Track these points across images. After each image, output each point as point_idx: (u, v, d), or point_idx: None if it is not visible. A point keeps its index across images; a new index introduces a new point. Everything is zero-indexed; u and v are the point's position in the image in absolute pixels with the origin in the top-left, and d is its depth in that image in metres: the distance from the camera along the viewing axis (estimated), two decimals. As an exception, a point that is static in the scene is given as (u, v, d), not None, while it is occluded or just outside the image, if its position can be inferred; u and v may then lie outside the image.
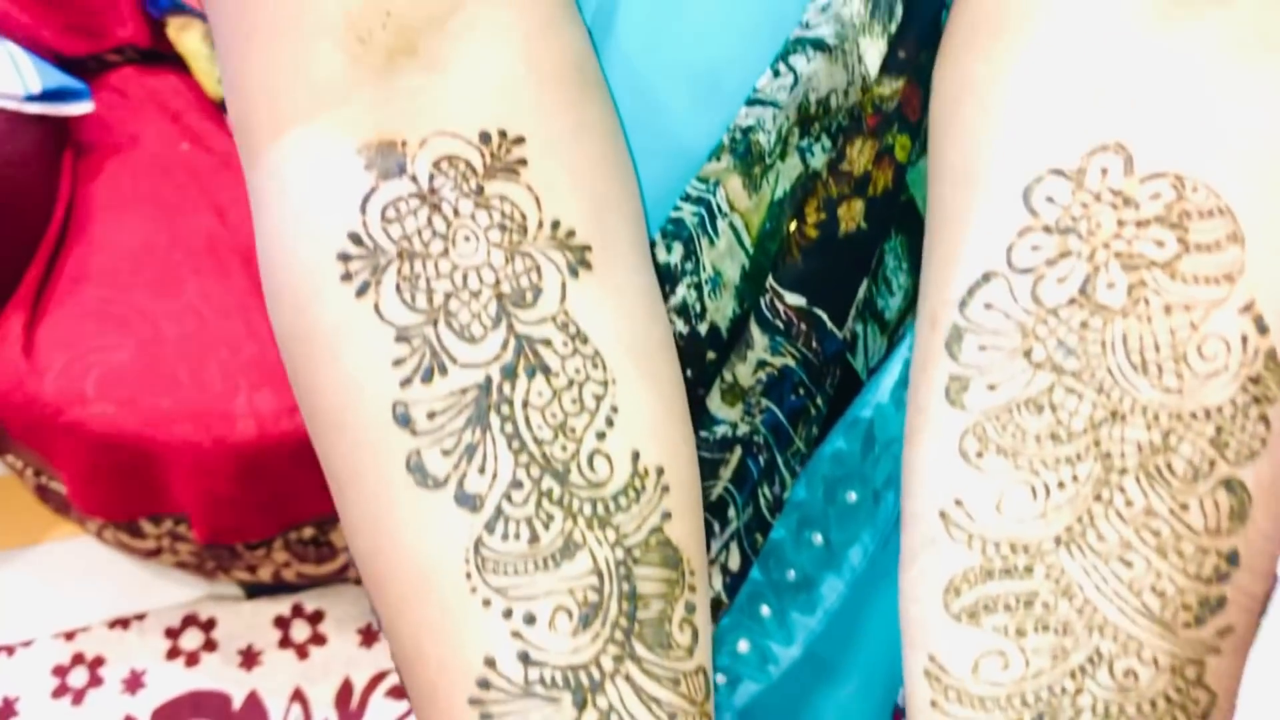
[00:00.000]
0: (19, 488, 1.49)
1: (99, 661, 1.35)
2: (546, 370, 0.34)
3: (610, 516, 0.33)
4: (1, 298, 1.20)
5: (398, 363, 0.33)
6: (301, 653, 1.36)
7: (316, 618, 1.39)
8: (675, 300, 0.42)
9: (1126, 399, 0.32)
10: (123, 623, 1.39)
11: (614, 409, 0.34)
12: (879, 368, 0.46)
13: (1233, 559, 0.31)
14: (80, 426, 1.14)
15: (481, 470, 0.33)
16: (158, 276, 1.22)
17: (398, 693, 1.33)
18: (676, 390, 0.38)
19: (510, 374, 0.33)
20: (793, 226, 0.42)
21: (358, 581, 1.41)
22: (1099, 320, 0.32)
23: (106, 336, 1.18)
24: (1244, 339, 0.31)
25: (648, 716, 0.33)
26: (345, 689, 1.33)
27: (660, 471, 0.35)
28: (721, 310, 0.42)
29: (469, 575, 0.33)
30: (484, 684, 0.32)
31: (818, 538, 0.48)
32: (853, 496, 0.47)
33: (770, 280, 0.42)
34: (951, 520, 0.34)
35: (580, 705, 0.32)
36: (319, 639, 1.37)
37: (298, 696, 1.33)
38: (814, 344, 0.42)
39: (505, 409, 0.33)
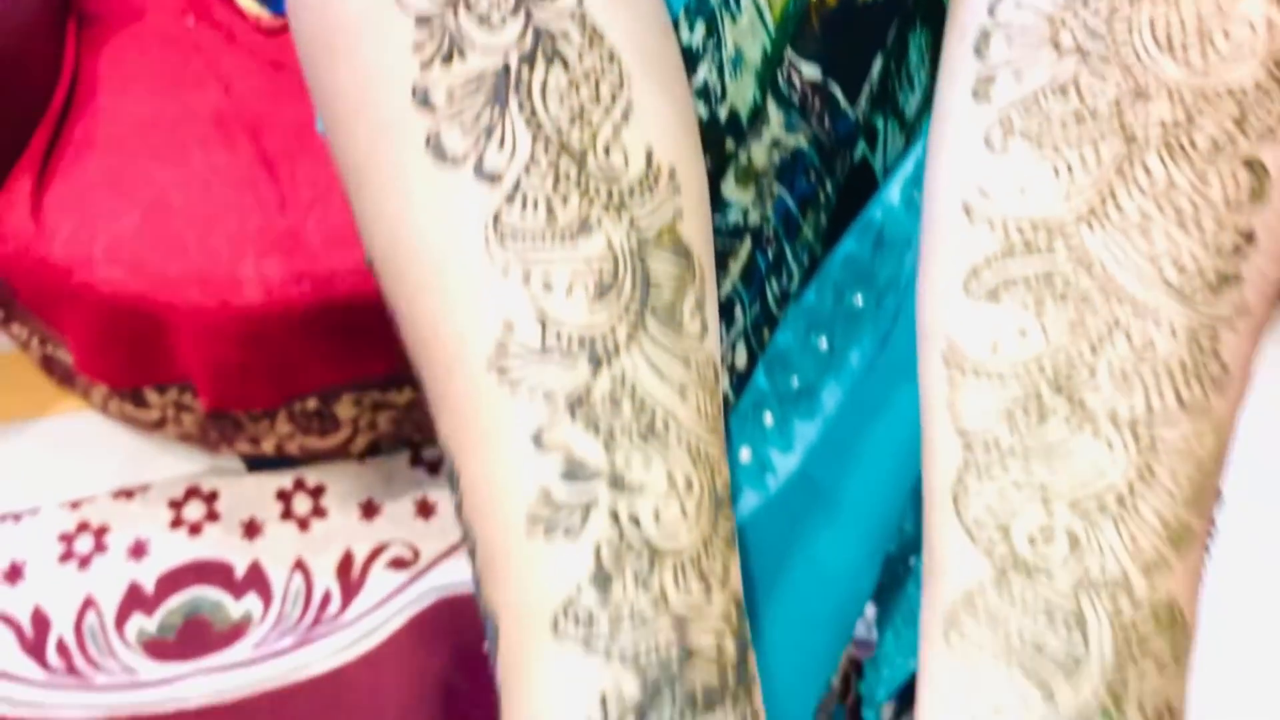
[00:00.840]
0: (24, 363, 1.50)
1: (104, 530, 1.38)
2: (564, 61, 0.35)
3: (625, 204, 0.35)
4: (8, 162, 1.20)
5: (417, 47, 0.34)
6: (303, 525, 1.39)
7: (318, 492, 1.41)
8: (697, 81, 0.43)
9: (1151, 78, 0.33)
10: (127, 493, 1.41)
11: (629, 105, 0.35)
12: (894, 167, 0.47)
13: (1250, 237, 0.33)
14: (88, 289, 1.15)
15: (500, 146, 0.34)
16: (164, 146, 1.22)
17: (397, 564, 1.36)
18: (687, 103, 0.39)
19: (529, 60, 0.34)
20: None
21: (359, 457, 1.43)
22: (1126, 5, 0.33)
23: (114, 202, 1.19)
24: (1269, 23, 0.32)
25: (658, 385, 0.34)
26: (346, 560, 1.36)
27: (673, 172, 0.36)
28: (742, 94, 0.43)
29: (487, 243, 0.34)
30: (502, 348, 0.34)
31: (823, 342, 0.49)
32: (859, 299, 0.48)
33: (788, 51, 0.43)
34: (974, 209, 0.35)
35: (595, 368, 0.33)
36: (320, 512, 1.40)
37: (299, 566, 1.36)
38: (826, 122, 0.44)
39: (523, 92, 0.34)
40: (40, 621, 1.30)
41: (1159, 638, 0.33)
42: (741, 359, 0.50)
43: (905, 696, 0.68)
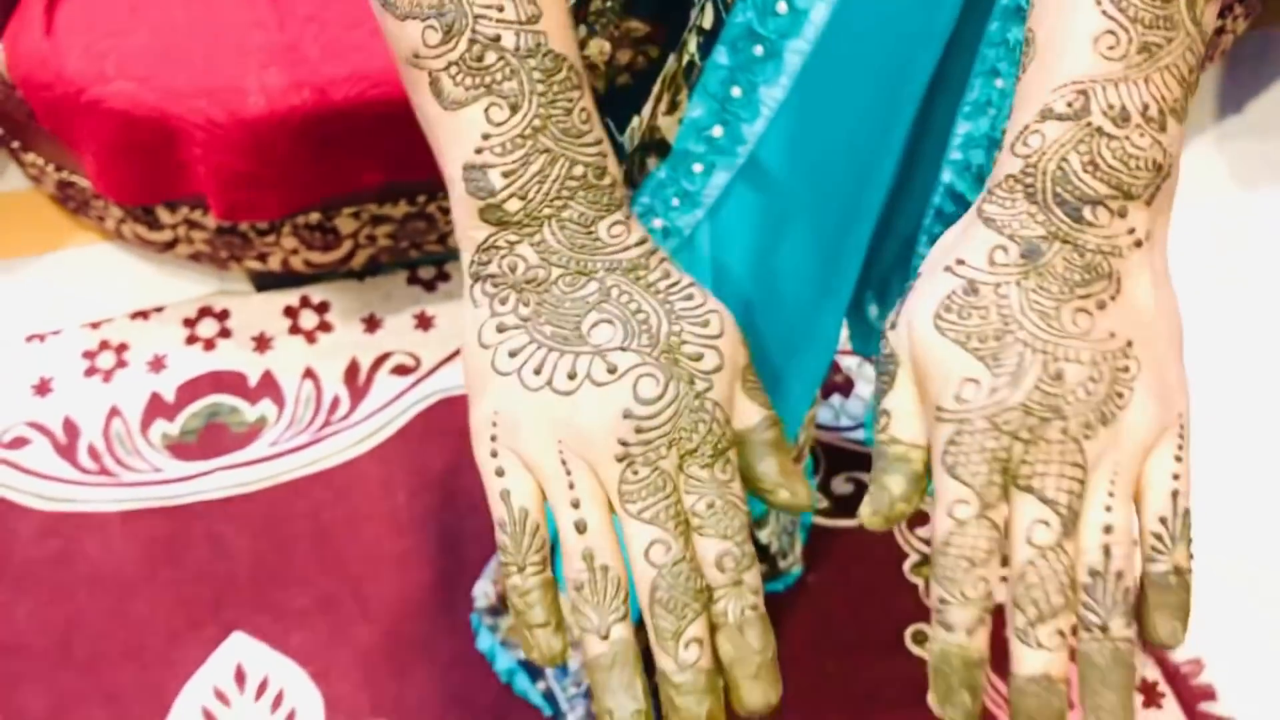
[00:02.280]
0: (40, 199, 1.59)
1: (124, 347, 1.47)
2: None
3: None
4: (20, -15, 1.27)
5: None
6: (310, 338, 1.48)
7: (323, 308, 1.51)
8: None
9: None
10: (143, 314, 1.50)
11: None
12: None
13: None
14: (101, 104, 1.23)
15: None
16: (166, -30, 1.29)
17: (400, 370, 1.46)
18: None
19: None
20: None
21: (360, 275, 1.52)
22: None
23: (123, 21, 1.26)
24: None
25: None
26: (352, 367, 1.46)
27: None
28: None
29: None
30: None
31: (782, 5, 0.56)
32: None
33: None
34: None
35: None
36: (326, 326, 1.49)
37: (309, 374, 1.46)
38: None
39: None
40: (71, 429, 1.40)
41: None
42: (709, 19, 0.57)
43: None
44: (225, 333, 1.49)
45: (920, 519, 1.36)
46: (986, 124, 0.62)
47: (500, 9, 0.40)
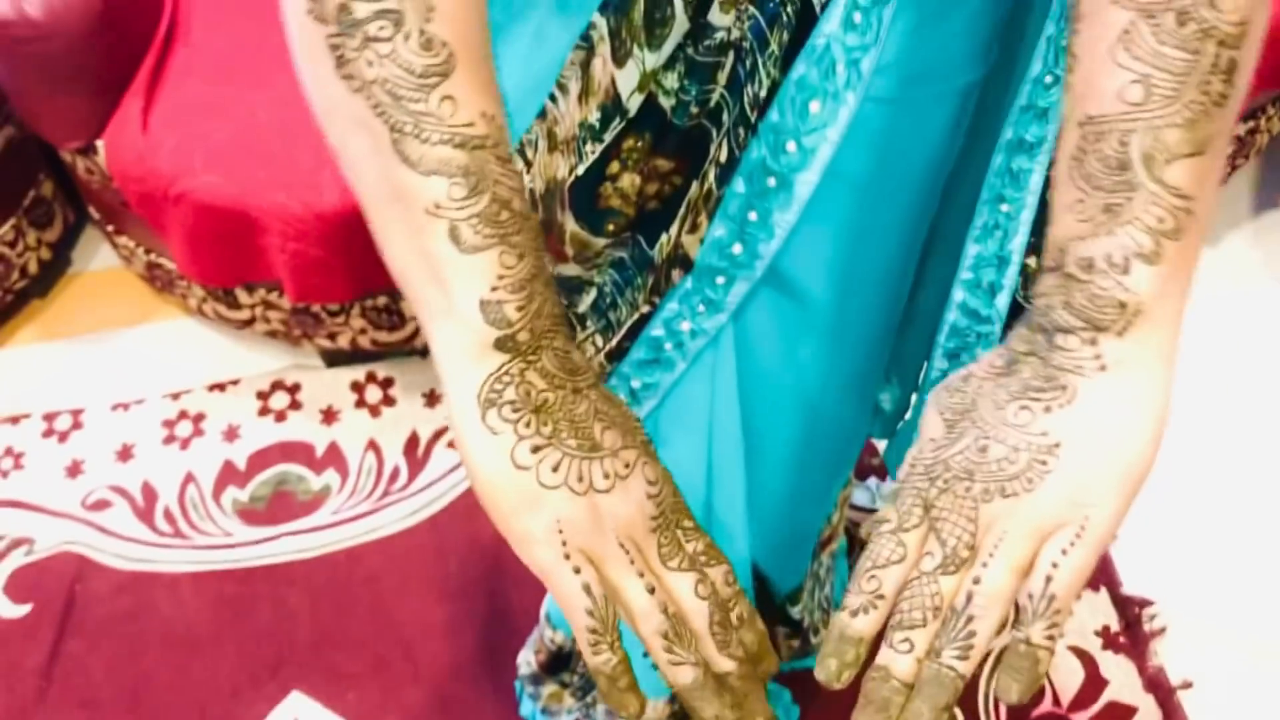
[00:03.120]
0: (129, 278, 1.70)
1: (200, 417, 1.57)
2: None
3: None
4: (122, 87, 1.39)
5: None
6: (374, 412, 1.57)
7: (388, 383, 1.60)
8: None
9: None
10: (220, 386, 1.60)
11: None
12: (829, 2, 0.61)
13: None
14: (189, 195, 1.34)
15: None
16: (252, 71, 1.40)
17: (457, 444, 1.54)
18: None
19: None
20: None
21: (423, 353, 1.61)
22: None
23: (211, 120, 1.37)
24: None
25: None
26: (413, 440, 1.54)
27: None
28: None
29: None
30: None
31: (791, 145, 0.63)
32: (815, 107, 0.63)
33: None
34: None
35: None
36: (390, 401, 1.58)
37: (371, 446, 1.54)
38: None
39: None
40: (149, 493, 1.50)
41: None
42: (724, 154, 0.65)
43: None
44: (296, 405, 1.58)
45: (952, 601, 1.40)
46: (995, 245, 0.68)
47: (509, 178, 0.47)
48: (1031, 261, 0.68)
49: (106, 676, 1.34)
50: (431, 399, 1.58)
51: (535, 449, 0.49)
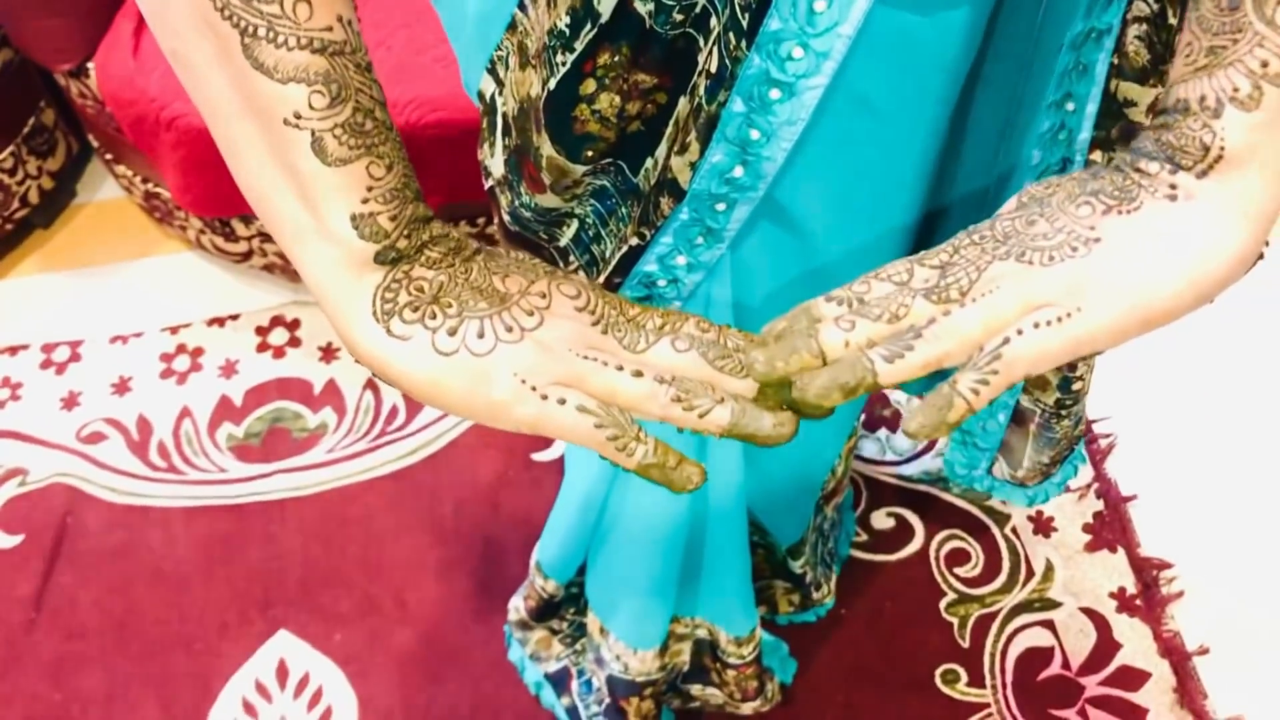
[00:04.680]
0: (130, 209, 1.68)
1: (199, 352, 1.54)
2: None
3: None
4: (113, 7, 1.35)
5: None
6: (373, 350, 1.54)
7: (387, 321, 1.56)
8: None
9: None
10: (219, 321, 1.57)
11: None
12: None
13: None
14: (180, 119, 1.30)
15: None
16: (248, -4, 1.36)
17: (456, 385, 1.50)
18: None
19: None
20: None
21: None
22: None
23: (204, 43, 1.33)
24: None
25: None
26: (410, 380, 1.51)
27: None
28: None
29: None
30: None
31: (799, 50, 0.57)
32: (821, 5, 0.56)
33: None
34: None
35: None
36: (389, 339, 1.54)
37: (370, 385, 1.51)
38: None
39: None
40: (144, 427, 1.47)
41: None
42: (713, 64, 0.59)
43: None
44: (295, 342, 1.55)
45: (961, 558, 1.35)
46: (1061, 149, 0.65)
47: (369, 86, 0.44)
48: (1097, 156, 0.64)
49: (94, 608, 1.33)
50: (432, 338, 1.54)
51: (452, 331, 0.47)
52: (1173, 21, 0.58)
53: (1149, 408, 1.48)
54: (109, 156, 1.54)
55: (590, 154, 0.63)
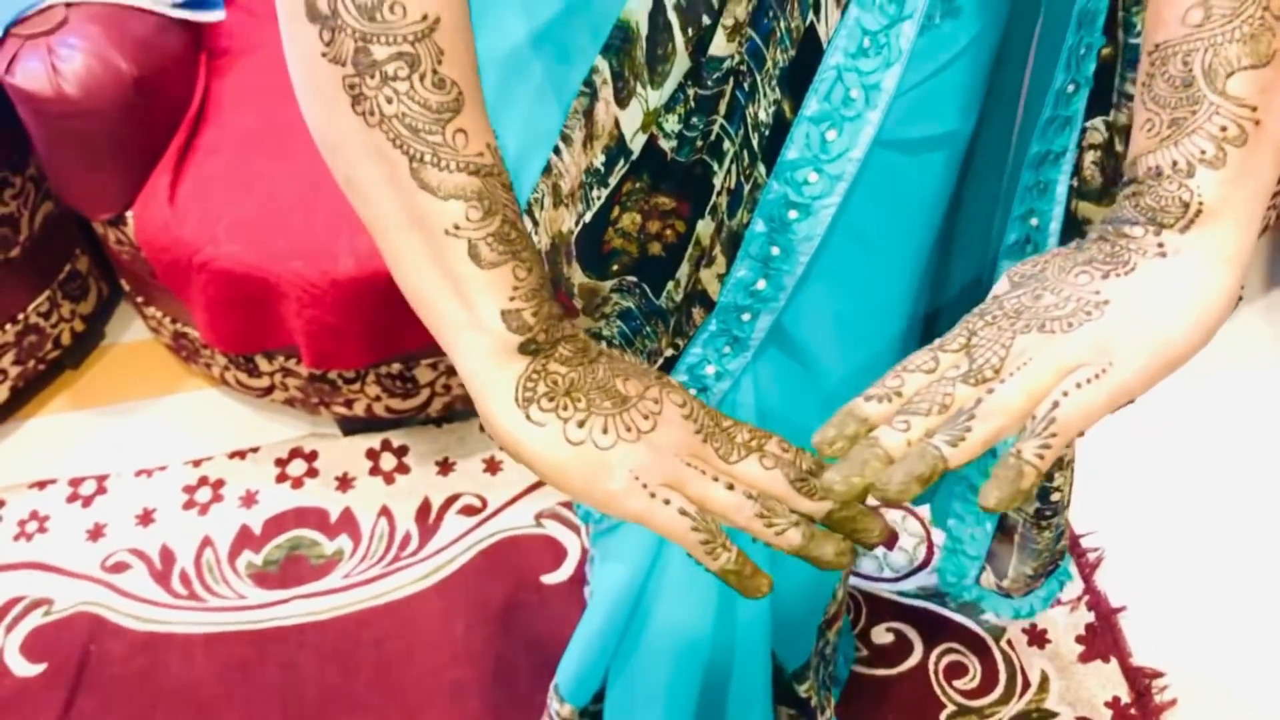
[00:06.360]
0: (157, 350, 1.76)
1: (220, 483, 1.61)
2: None
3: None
4: (151, 162, 1.46)
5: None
6: (388, 479, 1.60)
7: (402, 451, 1.63)
8: None
9: None
10: (240, 454, 1.64)
11: None
12: (836, 31, 0.63)
13: None
14: (211, 263, 1.39)
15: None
16: (275, 148, 1.47)
17: (468, 511, 1.56)
18: None
19: None
20: None
21: (438, 421, 1.64)
22: None
23: (234, 193, 1.43)
24: None
25: None
26: (424, 507, 1.57)
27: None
28: None
29: None
30: None
31: (814, 175, 0.64)
32: (833, 135, 0.63)
33: None
34: None
35: None
36: (403, 469, 1.61)
37: (384, 512, 1.57)
38: None
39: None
40: (166, 556, 1.53)
41: None
42: (731, 182, 0.67)
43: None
44: (313, 473, 1.61)
45: (959, 671, 1.39)
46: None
47: (512, 202, 0.52)
48: None
49: (116, 735, 1.36)
50: (444, 467, 1.61)
51: (581, 423, 0.53)
52: (1119, 149, 0.66)
53: (1134, 520, 1.54)
54: (140, 299, 1.63)
55: (615, 268, 0.71)
